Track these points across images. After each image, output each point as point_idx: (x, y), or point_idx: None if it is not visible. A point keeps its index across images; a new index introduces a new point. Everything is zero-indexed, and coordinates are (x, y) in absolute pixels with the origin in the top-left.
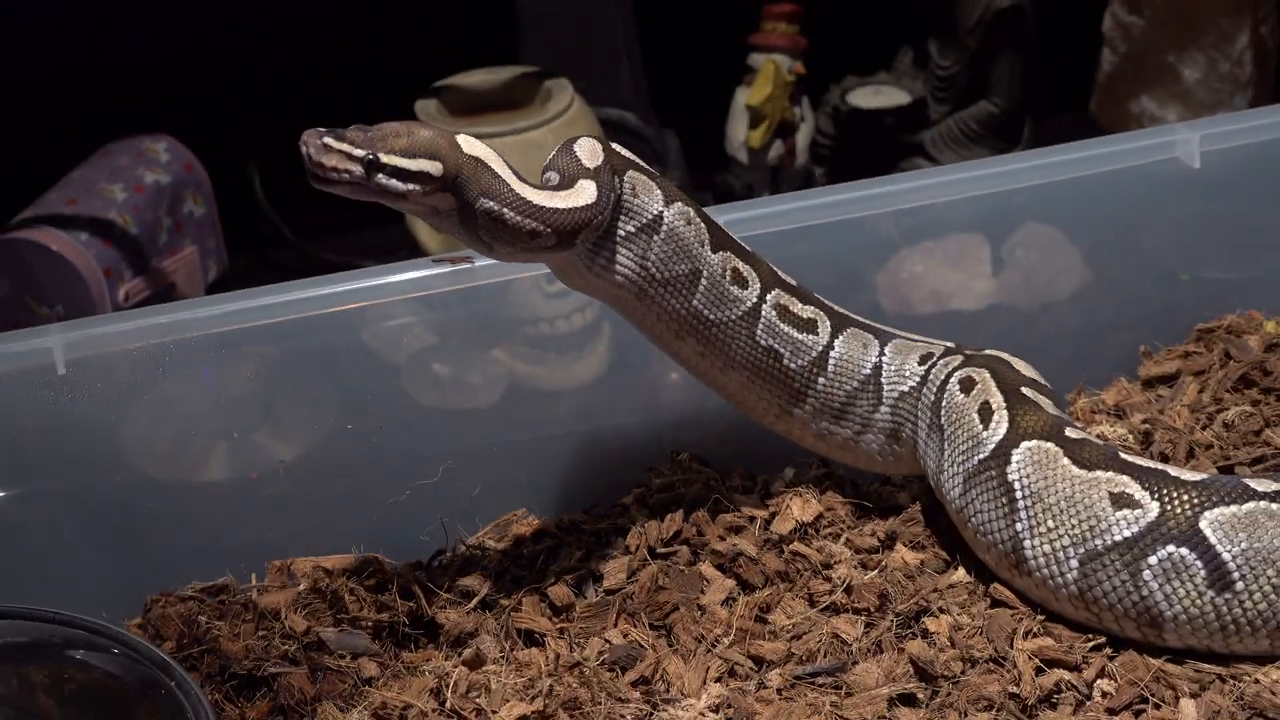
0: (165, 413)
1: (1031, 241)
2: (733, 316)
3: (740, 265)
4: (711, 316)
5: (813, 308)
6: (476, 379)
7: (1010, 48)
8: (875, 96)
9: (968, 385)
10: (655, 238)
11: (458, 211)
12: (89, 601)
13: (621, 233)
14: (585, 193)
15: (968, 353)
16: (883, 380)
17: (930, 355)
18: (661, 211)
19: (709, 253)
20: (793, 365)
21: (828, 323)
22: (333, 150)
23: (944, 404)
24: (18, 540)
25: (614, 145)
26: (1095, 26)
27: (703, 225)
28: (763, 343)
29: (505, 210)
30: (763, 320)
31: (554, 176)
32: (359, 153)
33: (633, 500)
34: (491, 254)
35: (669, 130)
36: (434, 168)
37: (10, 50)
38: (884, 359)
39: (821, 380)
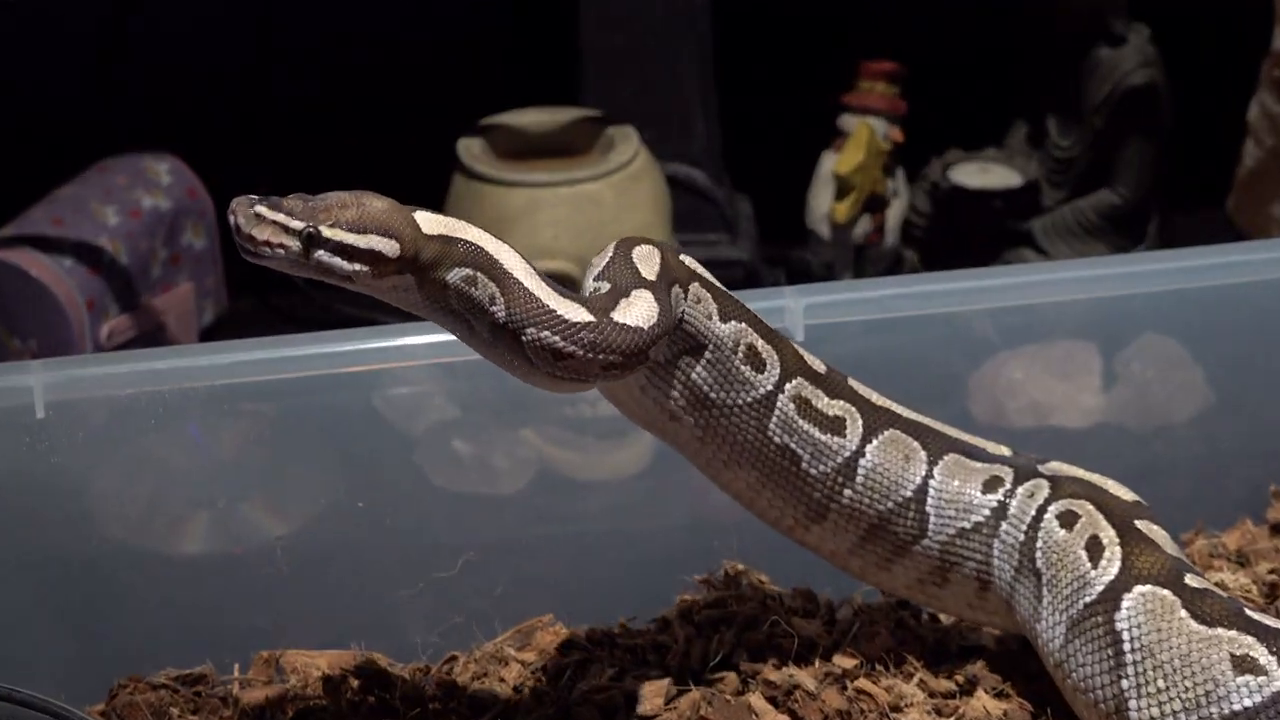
0: (146, 472)
1: (1150, 354)
2: (741, 402)
3: (758, 341)
4: (715, 397)
5: (843, 402)
6: (502, 461)
7: (1140, 131)
8: (982, 175)
9: (1068, 520)
10: (703, 354)
11: (426, 301)
12: (47, 681)
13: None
14: (636, 310)
15: (1048, 475)
16: (928, 509)
17: (998, 481)
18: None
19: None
20: (813, 471)
21: (860, 422)
22: (265, 221)
23: (1039, 543)
24: None
25: (682, 256)
26: (1239, 114)
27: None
28: (776, 440)
29: (514, 312)
30: (777, 413)
31: (604, 286)
32: (296, 225)
33: (675, 614)
34: (485, 352)
35: (742, 195)
36: (388, 247)
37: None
38: (932, 481)
39: (848, 493)
